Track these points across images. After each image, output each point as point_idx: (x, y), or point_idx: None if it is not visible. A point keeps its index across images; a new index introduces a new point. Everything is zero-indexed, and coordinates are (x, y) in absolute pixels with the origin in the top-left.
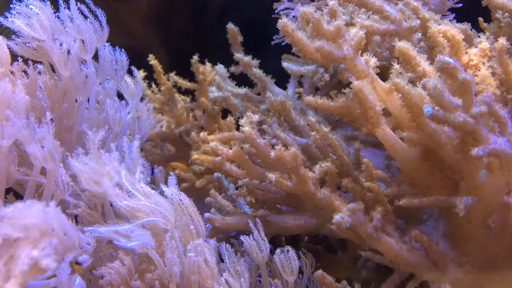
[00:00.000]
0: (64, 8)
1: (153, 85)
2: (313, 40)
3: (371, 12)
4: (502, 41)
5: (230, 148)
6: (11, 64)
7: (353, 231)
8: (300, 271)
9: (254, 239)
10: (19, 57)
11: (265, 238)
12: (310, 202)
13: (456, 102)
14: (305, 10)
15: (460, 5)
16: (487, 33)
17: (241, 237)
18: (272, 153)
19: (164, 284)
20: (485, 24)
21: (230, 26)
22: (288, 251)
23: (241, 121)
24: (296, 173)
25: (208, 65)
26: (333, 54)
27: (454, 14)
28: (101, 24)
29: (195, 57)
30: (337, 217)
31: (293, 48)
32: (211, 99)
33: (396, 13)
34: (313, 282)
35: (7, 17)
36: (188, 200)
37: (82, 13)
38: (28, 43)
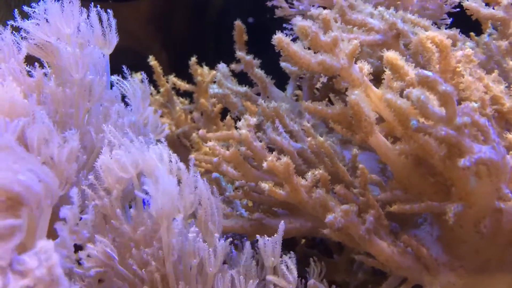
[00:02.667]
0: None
1: (152, 88)
2: (308, 51)
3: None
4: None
5: (228, 149)
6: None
7: (345, 233)
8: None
9: (269, 241)
10: None
11: (280, 242)
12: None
13: (440, 113)
14: (303, 24)
15: (458, 9)
16: (475, 38)
17: (258, 237)
18: (264, 164)
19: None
20: (476, 38)
21: (238, 23)
22: (289, 257)
23: (239, 124)
24: (289, 183)
25: (206, 68)
26: (335, 67)
27: (451, 19)
28: (111, 31)
29: (193, 59)
30: (329, 217)
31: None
32: (211, 94)
33: (379, 24)
34: None
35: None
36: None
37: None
38: (35, 40)
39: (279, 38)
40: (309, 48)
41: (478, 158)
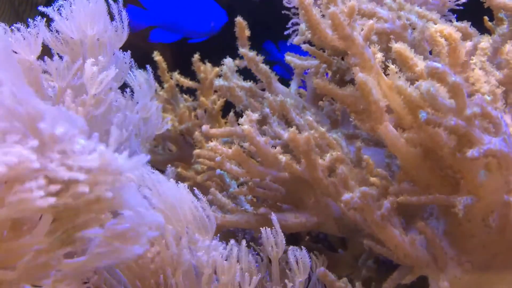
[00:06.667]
0: None
1: (156, 84)
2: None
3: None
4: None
5: (230, 148)
6: None
7: (359, 213)
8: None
9: (271, 233)
10: None
11: (282, 233)
12: (311, 198)
13: (450, 105)
14: None
15: (462, 7)
16: (488, 24)
17: (262, 229)
18: (286, 135)
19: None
20: (490, 23)
21: (239, 19)
22: (301, 248)
23: (241, 120)
24: (307, 158)
25: (208, 64)
26: (344, 27)
27: (455, 15)
28: (122, 24)
29: (196, 56)
30: (346, 196)
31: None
32: (216, 87)
33: (388, 13)
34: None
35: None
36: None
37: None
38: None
39: None
40: None
41: (488, 149)
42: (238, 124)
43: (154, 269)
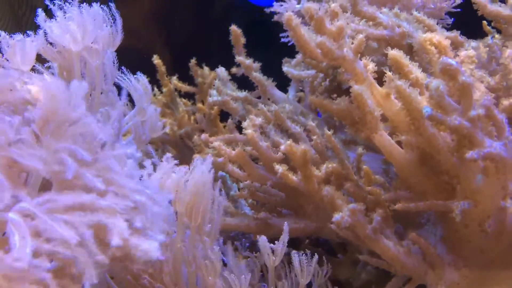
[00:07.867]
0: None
1: (155, 88)
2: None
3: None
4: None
5: (233, 149)
6: None
7: (351, 231)
8: None
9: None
10: None
11: (286, 243)
12: (310, 204)
13: (455, 105)
14: (309, 6)
15: (459, 9)
16: (487, 28)
17: (258, 237)
18: (282, 147)
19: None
20: (488, 28)
21: (234, 27)
22: (305, 254)
23: (244, 124)
24: (303, 170)
25: (206, 68)
26: (333, 52)
27: (452, 19)
28: (116, 28)
29: (193, 60)
30: (336, 216)
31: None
32: (210, 103)
33: (388, 20)
34: None
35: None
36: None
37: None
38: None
39: (290, 16)
40: None
41: (488, 152)
42: (238, 131)
43: None
